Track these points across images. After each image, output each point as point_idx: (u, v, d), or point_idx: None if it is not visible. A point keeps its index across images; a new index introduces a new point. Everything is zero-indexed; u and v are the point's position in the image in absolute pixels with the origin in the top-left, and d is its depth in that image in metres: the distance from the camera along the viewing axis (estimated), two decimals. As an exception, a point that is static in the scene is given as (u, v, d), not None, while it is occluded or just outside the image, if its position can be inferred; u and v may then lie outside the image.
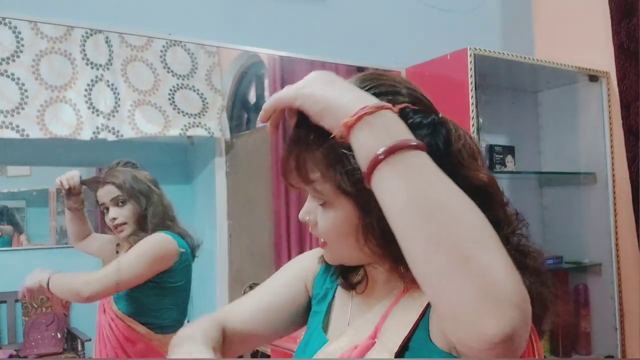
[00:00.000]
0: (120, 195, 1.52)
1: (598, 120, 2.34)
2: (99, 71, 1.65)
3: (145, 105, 1.71)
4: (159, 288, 1.52)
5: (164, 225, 1.55)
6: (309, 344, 0.78)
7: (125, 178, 1.53)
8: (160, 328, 1.52)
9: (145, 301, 1.53)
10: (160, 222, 1.54)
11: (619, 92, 2.20)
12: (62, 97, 1.58)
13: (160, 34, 1.75)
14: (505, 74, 2.26)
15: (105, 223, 1.56)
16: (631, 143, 2.17)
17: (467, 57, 1.92)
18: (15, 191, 1.68)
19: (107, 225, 1.55)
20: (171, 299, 1.56)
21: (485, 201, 0.61)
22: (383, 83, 0.68)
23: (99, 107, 1.64)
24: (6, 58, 1.52)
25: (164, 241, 1.52)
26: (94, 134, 1.62)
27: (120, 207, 1.53)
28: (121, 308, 1.52)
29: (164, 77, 1.75)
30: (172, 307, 1.57)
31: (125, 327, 1.51)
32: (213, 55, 1.85)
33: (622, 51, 2.16)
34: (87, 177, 1.61)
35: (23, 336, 1.64)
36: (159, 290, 1.53)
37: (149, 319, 1.53)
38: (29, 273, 1.54)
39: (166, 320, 1.54)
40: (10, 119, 1.51)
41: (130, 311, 1.52)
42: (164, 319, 1.54)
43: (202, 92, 1.82)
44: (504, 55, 2.06)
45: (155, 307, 1.54)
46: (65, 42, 1.60)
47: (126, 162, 1.58)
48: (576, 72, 2.29)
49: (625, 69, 2.16)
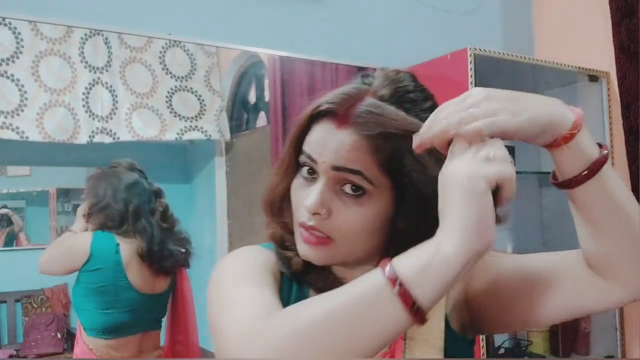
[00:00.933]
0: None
1: (598, 120, 2.34)
2: (97, 74, 1.65)
3: (142, 109, 1.71)
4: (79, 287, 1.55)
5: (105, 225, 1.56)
6: None
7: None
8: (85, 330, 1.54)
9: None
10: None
11: (619, 92, 2.20)
12: (60, 100, 1.58)
13: (160, 34, 1.75)
14: (505, 74, 2.26)
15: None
16: (631, 143, 2.17)
17: (467, 57, 1.92)
18: (15, 191, 1.68)
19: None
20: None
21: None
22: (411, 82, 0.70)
23: (96, 111, 1.64)
24: (6, 59, 1.52)
25: (76, 238, 1.56)
26: (90, 137, 1.62)
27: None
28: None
29: (162, 79, 1.75)
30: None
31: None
32: (212, 56, 1.85)
33: (622, 51, 2.16)
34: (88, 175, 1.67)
35: (23, 336, 1.64)
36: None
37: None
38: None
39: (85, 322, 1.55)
40: (10, 120, 1.51)
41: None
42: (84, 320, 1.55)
43: (201, 93, 1.82)
44: (504, 55, 2.06)
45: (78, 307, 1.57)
46: (64, 44, 1.60)
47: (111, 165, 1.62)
48: (576, 72, 2.28)
49: (625, 69, 2.16)
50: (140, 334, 1.58)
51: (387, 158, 0.63)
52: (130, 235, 1.57)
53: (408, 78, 0.70)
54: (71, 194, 1.70)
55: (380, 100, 0.66)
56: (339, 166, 0.64)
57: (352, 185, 0.64)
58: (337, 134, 0.64)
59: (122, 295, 1.55)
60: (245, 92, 2.00)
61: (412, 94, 0.68)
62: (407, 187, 0.64)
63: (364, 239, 0.66)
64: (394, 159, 0.63)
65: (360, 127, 0.63)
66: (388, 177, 0.64)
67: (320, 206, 0.64)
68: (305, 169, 0.68)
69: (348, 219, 0.64)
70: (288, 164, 0.71)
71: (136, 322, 1.58)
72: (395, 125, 0.64)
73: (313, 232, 0.66)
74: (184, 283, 1.69)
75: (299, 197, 0.68)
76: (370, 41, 2.15)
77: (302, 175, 0.68)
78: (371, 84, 0.68)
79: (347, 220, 0.64)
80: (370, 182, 0.63)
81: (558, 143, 0.58)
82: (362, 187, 0.64)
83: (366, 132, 0.63)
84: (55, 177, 1.72)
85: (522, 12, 2.62)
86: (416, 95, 0.69)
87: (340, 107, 0.64)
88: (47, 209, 1.68)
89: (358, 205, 0.64)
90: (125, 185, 1.58)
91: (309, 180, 0.67)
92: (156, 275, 1.61)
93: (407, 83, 0.69)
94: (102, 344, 1.51)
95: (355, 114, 0.63)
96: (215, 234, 1.91)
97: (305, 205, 0.65)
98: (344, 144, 0.63)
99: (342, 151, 0.63)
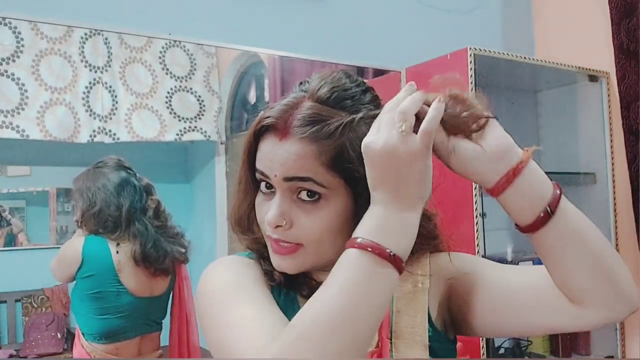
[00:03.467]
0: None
1: (598, 120, 2.34)
2: (97, 73, 1.65)
3: (142, 109, 1.71)
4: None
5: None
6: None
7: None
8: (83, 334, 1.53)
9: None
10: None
11: (619, 92, 2.20)
12: (61, 99, 1.58)
13: (160, 34, 1.75)
14: (505, 74, 2.26)
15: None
16: (631, 143, 2.17)
17: (467, 57, 1.92)
18: (15, 191, 1.68)
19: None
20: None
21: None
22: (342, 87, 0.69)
23: (96, 110, 1.64)
24: (6, 58, 1.52)
25: (68, 244, 1.56)
26: (91, 137, 1.62)
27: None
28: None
29: (162, 79, 1.75)
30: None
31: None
32: (211, 57, 1.85)
33: (622, 51, 2.16)
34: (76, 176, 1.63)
35: (23, 336, 1.64)
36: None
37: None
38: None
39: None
40: (11, 119, 1.51)
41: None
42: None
43: (200, 94, 1.82)
44: (504, 55, 2.06)
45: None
46: (64, 43, 1.60)
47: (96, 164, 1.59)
48: (576, 72, 2.28)
49: (625, 69, 2.16)
50: (139, 337, 1.56)
51: (332, 158, 0.64)
52: (124, 240, 1.53)
53: (343, 76, 0.70)
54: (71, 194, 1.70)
55: (318, 102, 0.67)
56: (289, 177, 0.65)
57: (307, 192, 0.65)
58: (281, 146, 0.65)
59: (117, 300, 1.52)
60: (245, 92, 2.00)
61: (349, 91, 0.68)
62: (358, 181, 0.64)
63: (331, 239, 0.67)
64: (339, 157, 0.64)
65: (299, 134, 0.64)
66: (338, 176, 0.65)
67: (280, 218, 0.66)
68: (263, 184, 0.69)
69: (310, 225, 0.66)
70: (245, 182, 0.72)
71: (134, 326, 1.56)
72: (331, 122, 0.65)
73: (281, 243, 0.68)
74: (183, 283, 1.67)
75: (262, 212, 0.69)
76: (370, 41, 2.15)
77: (262, 190, 0.70)
78: (307, 89, 0.69)
79: (310, 226, 0.66)
80: (322, 186, 0.65)
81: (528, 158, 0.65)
82: (316, 191, 0.65)
83: (305, 136, 0.64)
84: (55, 177, 1.72)
85: (522, 12, 2.62)
86: (353, 92, 0.69)
87: (279, 120, 0.66)
88: (47, 209, 1.68)
89: (317, 209, 0.66)
90: (115, 186, 1.53)
91: (269, 195, 0.69)
92: (154, 277, 1.58)
93: (344, 81, 0.69)
94: (101, 348, 1.49)
95: (293, 123, 0.65)
96: (215, 234, 1.91)
97: (266, 219, 0.67)
98: (289, 155, 0.64)
99: (289, 162, 0.64)
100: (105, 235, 1.53)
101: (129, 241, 1.54)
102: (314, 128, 0.64)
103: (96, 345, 1.49)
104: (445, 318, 0.76)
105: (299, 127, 0.64)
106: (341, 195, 0.66)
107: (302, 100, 0.67)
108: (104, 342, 1.50)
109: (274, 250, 0.69)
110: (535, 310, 0.71)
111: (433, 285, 0.73)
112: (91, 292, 1.52)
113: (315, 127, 0.64)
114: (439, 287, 0.75)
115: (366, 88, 0.71)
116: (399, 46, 2.20)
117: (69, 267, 1.51)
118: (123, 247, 1.54)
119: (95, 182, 1.54)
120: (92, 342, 1.49)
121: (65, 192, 1.70)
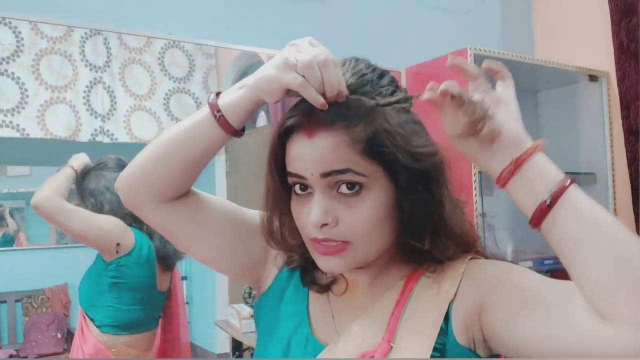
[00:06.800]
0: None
1: (598, 120, 2.34)
2: (98, 73, 1.65)
3: (140, 111, 1.71)
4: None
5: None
6: (292, 349, 0.72)
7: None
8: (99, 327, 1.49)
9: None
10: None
11: (619, 92, 2.20)
12: (62, 98, 1.58)
13: (160, 34, 1.75)
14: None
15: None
16: (631, 143, 2.17)
17: (467, 57, 1.92)
18: (15, 191, 1.68)
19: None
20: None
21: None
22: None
23: (96, 110, 1.64)
24: (6, 57, 1.52)
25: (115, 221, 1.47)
26: (92, 136, 1.62)
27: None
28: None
29: (160, 81, 1.75)
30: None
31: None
32: (211, 57, 1.85)
33: (622, 51, 2.16)
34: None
35: (23, 336, 1.64)
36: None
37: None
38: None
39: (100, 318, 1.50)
40: (11, 118, 1.51)
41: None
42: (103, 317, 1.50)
43: (198, 95, 1.82)
44: (504, 55, 2.06)
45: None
46: (65, 43, 1.60)
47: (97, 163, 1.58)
48: (576, 72, 2.28)
49: (625, 69, 2.16)
50: (152, 330, 1.58)
51: (367, 144, 0.62)
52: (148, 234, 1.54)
53: (357, 63, 0.71)
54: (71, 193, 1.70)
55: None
56: (326, 172, 0.63)
57: (347, 185, 0.63)
58: (311, 143, 0.63)
59: (146, 292, 1.53)
60: (245, 92, 2.00)
61: (366, 76, 0.68)
62: (397, 165, 0.63)
63: (377, 231, 0.65)
64: (373, 142, 0.63)
65: (329, 126, 0.63)
66: (375, 162, 0.63)
67: (326, 216, 0.63)
68: (297, 187, 0.67)
69: (356, 218, 0.64)
70: (274, 190, 0.70)
71: (151, 319, 1.57)
72: (358, 109, 0.64)
73: (328, 243, 0.65)
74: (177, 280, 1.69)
75: (301, 217, 0.67)
76: (370, 41, 2.15)
77: (297, 193, 0.67)
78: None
79: (356, 219, 0.64)
80: (362, 175, 0.63)
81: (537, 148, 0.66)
82: (357, 182, 0.63)
83: (335, 128, 0.63)
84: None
85: (522, 12, 2.62)
86: (370, 77, 0.68)
87: (304, 118, 0.64)
88: (47, 208, 1.68)
89: (360, 201, 0.63)
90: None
91: (305, 197, 0.66)
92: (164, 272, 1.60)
93: (359, 67, 0.69)
94: (121, 340, 1.48)
95: (320, 117, 0.63)
96: (215, 234, 1.90)
97: (311, 221, 0.64)
98: (323, 149, 0.63)
99: (324, 157, 0.63)
100: (137, 227, 1.50)
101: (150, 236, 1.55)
102: (342, 118, 0.63)
103: (114, 337, 1.46)
104: (475, 334, 0.67)
105: (327, 119, 0.63)
106: (381, 182, 0.64)
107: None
108: (125, 333, 1.48)
109: (319, 252, 0.66)
110: (564, 326, 0.58)
111: (462, 293, 0.67)
112: (127, 281, 1.49)
113: (343, 116, 0.63)
114: (469, 300, 0.67)
115: (381, 72, 0.70)
116: (399, 46, 2.20)
117: (112, 240, 1.44)
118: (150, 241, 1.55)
119: (101, 183, 1.53)
120: (111, 334, 1.46)
121: (65, 192, 1.70)
